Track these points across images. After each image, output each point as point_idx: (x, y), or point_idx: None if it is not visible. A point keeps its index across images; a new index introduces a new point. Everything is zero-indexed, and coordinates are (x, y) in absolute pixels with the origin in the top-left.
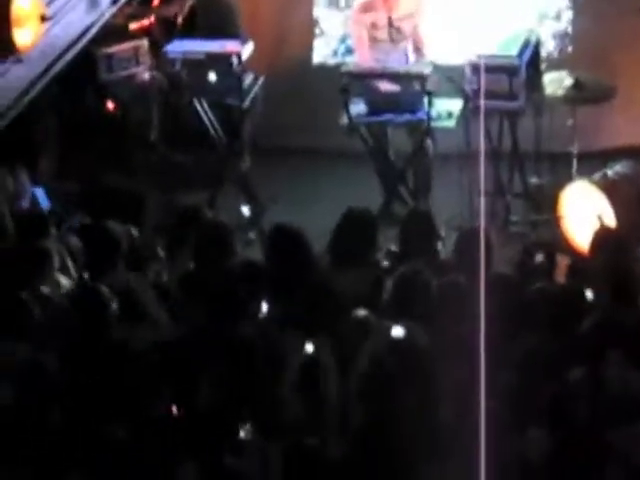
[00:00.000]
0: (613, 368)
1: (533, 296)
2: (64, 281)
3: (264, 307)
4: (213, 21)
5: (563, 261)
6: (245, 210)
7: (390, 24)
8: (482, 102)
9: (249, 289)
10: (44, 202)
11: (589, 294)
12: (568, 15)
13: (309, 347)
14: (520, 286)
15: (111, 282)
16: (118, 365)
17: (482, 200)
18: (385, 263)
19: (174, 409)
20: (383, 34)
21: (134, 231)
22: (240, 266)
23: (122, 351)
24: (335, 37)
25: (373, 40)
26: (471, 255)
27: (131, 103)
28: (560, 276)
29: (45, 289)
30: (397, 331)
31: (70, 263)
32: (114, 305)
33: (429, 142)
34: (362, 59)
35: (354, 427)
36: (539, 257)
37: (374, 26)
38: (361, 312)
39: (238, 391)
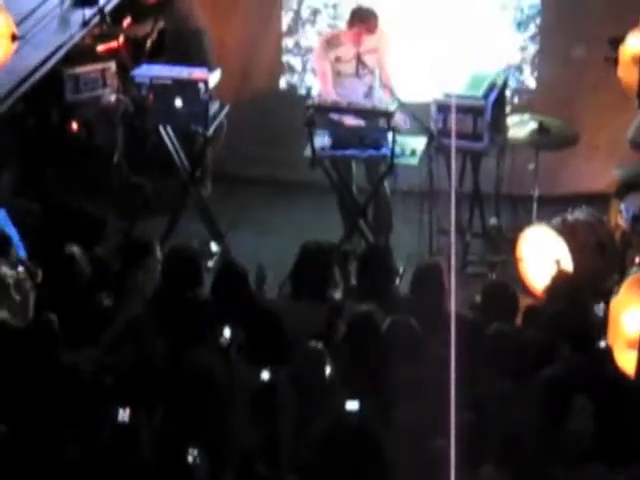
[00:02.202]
0: (572, 413)
1: (491, 338)
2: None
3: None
4: (182, 47)
5: (524, 303)
6: (213, 246)
7: (357, 58)
8: (453, 141)
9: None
10: (5, 223)
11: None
12: (535, 61)
13: (265, 375)
14: (478, 327)
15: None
16: (69, 388)
17: (452, 238)
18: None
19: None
20: (349, 68)
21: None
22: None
23: (72, 375)
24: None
25: (337, 74)
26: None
27: (96, 125)
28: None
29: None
30: (352, 405)
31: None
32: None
33: (391, 179)
34: (326, 93)
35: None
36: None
37: (339, 60)
38: (314, 343)
39: (190, 417)
